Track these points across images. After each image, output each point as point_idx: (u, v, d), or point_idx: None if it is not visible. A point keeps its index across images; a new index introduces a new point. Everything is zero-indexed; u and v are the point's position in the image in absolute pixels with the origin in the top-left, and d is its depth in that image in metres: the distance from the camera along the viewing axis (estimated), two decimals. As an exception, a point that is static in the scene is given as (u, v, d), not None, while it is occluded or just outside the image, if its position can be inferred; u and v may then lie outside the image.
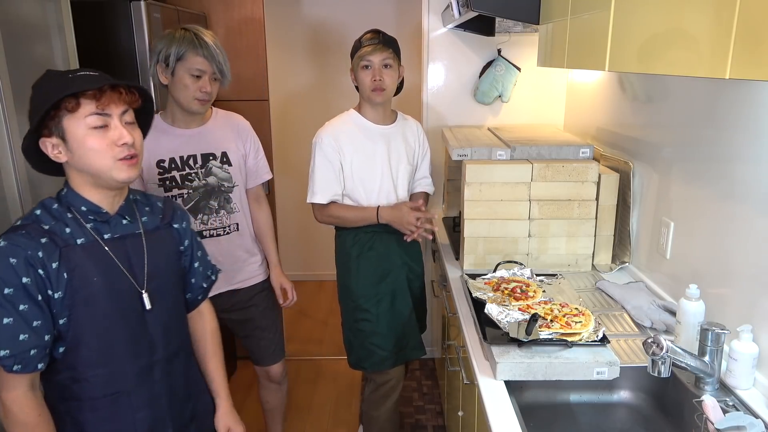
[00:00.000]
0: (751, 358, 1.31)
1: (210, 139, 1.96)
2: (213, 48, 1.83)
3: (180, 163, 1.92)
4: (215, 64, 1.84)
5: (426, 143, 2.30)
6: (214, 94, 1.90)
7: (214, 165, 1.96)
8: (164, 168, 1.90)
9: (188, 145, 1.93)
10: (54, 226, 1.20)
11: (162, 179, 1.90)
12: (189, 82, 1.83)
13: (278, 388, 2.33)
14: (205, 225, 1.98)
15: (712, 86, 1.54)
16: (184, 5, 2.76)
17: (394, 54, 2.06)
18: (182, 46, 1.80)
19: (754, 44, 0.78)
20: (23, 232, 1.17)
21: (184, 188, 1.93)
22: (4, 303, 1.13)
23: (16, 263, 1.14)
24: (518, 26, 2.67)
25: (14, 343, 1.14)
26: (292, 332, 3.63)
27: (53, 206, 1.23)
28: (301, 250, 4.28)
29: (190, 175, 1.93)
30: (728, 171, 1.48)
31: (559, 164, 1.99)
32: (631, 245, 2.04)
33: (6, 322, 1.14)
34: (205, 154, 1.95)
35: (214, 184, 1.97)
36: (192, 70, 1.82)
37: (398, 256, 2.18)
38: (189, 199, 1.94)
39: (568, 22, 1.52)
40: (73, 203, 1.24)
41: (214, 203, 1.98)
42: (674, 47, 1.00)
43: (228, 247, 2.03)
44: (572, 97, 2.79)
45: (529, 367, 1.40)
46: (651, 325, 1.65)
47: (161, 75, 1.85)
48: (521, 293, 1.71)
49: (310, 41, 4.04)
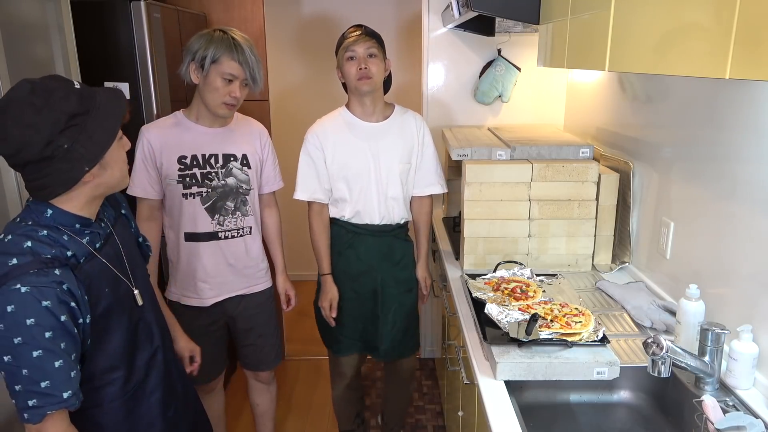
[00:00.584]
0: (751, 358, 1.31)
1: (232, 140, 1.96)
2: (248, 54, 1.83)
3: (201, 160, 1.91)
4: (248, 70, 1.83)
5: (428, 138, 2.17)
6: (242, 99, 1.89)
7: (235, 166, 1.96)
8: (185, 164, 1.89)
9: (211, 143, 1.92)
10: (55, 253, 1.14)
11: (182, 176, 1.89)
12: (220, 85, 1.82)
13: (267, 389, 2.32)
14: (221, 226, 1.96)
15: (712, 86, 1.54)
16: (184, 5, 2.76)
17: (378, 45, 2.03)
18: (219, 49, 1.79)
19: (754, 44, 0.78)
20: (34, 272, 1.09)
21: (203, 186, 1.91)
22: (51, 347, 1.09)
23: (51, 305, 1.09)
24: (518, 26, 2.67)
25: (71, 382, 1.13)
26: (292, 332, 3.62)
27: (41, 233, 1.14)
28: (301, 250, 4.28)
29: (210, 174, 1.92)
30: (728, 171, 1.48)
31: (559, 164, 1.99)
32: (631, 245, 2.04)
33: (58, 366, 1.11)
34: (226, 155, 1.94)
35: (233, 185, 1.96)
36: (225, 74, 1.81)
37: (377, 260, 2.17)
38: (207, 198, 1.93)
39: (568, 22, 1.52)
40: (64, 222, 1.17)
41: (231, 204, 1.97)
42: (674, 47, 1.00)
43: (241, 251, 2.03)
44: (572, 97, 2.79)
45: (529, 367, 1.40)
46: (651, 325, 1.65)
47: (193, 74, 1.84)
48: (521, 293, 1.71)
49: (310, 41, 4.04)
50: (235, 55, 1.80)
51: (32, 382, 1.09)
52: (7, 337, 1.08)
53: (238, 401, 2.95)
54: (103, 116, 1.14)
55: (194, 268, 1.98)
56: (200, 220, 1.94)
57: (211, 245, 1.97)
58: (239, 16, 2.90)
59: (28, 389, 1.09)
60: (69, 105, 1.09)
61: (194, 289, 2.00)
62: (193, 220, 1.93)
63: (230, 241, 1.99)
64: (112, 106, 1.16)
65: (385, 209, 2.13)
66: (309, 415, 2.90)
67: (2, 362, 1.09)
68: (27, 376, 1.09)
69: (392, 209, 2.14)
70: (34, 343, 1.08)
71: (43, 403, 1.10)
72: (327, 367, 3.29)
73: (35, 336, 1.08)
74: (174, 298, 2.05)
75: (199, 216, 1.93)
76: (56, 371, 1.10)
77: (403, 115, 2.16)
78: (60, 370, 1.11)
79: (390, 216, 2.14)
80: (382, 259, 2.17)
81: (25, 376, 1.09)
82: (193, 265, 1.98)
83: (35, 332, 1.08)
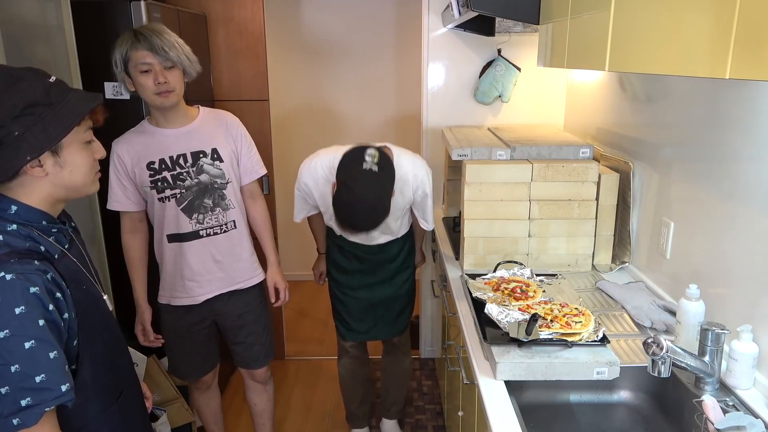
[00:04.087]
0: (751, 358, 1.31)
1: (198, 136, 1.94)
2: (154, 38, 1.77)
3: (170, 162, 1.90)
4: (160, 52, 1.76)
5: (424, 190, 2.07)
6: (177, 84, 1.83)
7: (205, 162, 1.94)
8: (155, 169, 1.89)
9: (176, 144, 1.91)
10: (30, 246, 1.09)
11: (153, 181, 1.89)
12: (142, 80, 1.79)
13: (264, 389, 2.32)
14: (201, 224, 1.96)
15: (712, 86, 1.54)
16: (184, 5, 2.76)
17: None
18: (124, 47, 1.77)
19: (754, 44, 0.78)
20: (15, 260, 1.03)
21: (176, 188, 1.91)
22: (44, 336, 1.02)
23: (39, 291, 1.02)
24: (518, 26, 2.67)
25: (67, 376, 1.06)
26: (292, 332, 3.62)
27: (10, 228, 1.09)
28: (302, 249, 4.28)
29: (181, 174, 1.91)
30: (728, 171, 1.48)
31: (559, 164, 1.99)
32: (631, 245, 2.04)
33: (53, 357, 1.03)
34: (194, 152, 1.93)
35: (206, 181, 1.95)
36: (139, 66, 1.77)
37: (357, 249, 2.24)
38: (182, 199, 1.92)
39: (568, 22, 1.52)
40: (30, 219, 1.12)
41: (209, 201, 1.96)
42: (674, 47, 1.00)
43: (227, 246, 2.02)
44: (572, 97, 2.79)
45: (529, 367, 1.40)
46: (651, 325, 1.65)
47: (128, 85, 1.83)
48: (521, 293, 1.71)
49: (310, 41, 4.04)
50: (138, 44, 1.76)
51: (25, 377, 1.00)
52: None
53: (238, 401, 2.95)
54: (65, 112, 1.10)
55: (180, 267, 1.99)
56: (180, 221, 1.94)
57: (194, 244, 1.96)
58: (239, 16, 2.90)
59: (19, 387, 1.00)
60: (31, 94, 1.06)
61: (183, 289, 2.01)
62: (174, 221, 1.94)
63: (214, 238, 1.98)
64: (79, 105, 1.12)
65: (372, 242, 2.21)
66: (309, 415, 2.90)
67: None
68: (18, 372, 1.00)
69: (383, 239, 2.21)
70: (26, 332, 1.00)
71: (39, 400, 1.01)
72: (327, 368, 3.32)
73: (26, 325, 1.00)
74: (164, 301, 2.06)
75: (179, 217, 1.93)
76: (52, 363, 1.02)
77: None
78: (55, 362, 1.03)
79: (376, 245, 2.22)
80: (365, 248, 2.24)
81: (15, 373, 0.99)
82: (180, 265, 1.98)
83: (26, 321, 1.00)
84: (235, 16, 2.90)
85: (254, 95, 2.99)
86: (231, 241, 2.02)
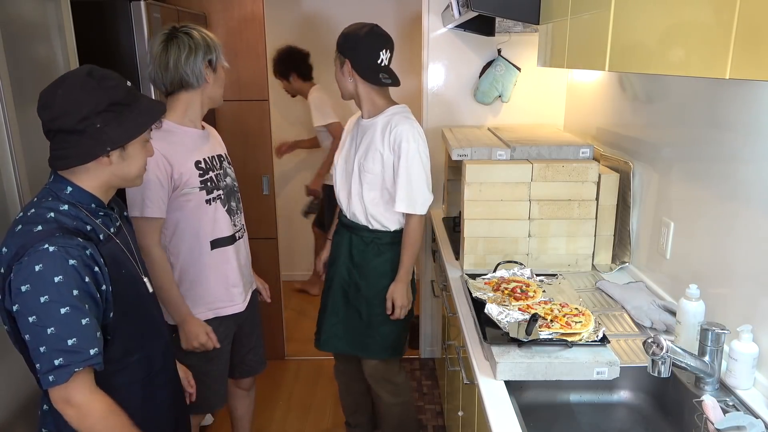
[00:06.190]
0: (751, 358, 1.31)
1: (212, 140, 1.91)
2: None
3: (211, 162, 1.84)
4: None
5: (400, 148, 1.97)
6: None
7: (226, 165, 1.93)
8: (203, 169, 1.80)
9: (206, 145, 1.85)
10: (77, 225, 1.20)
11: (203, 181, 1.79)
12: (224, 75, 1.87)
13: (247, 395, 2.27)
14: (235, 228, 1.91)
15: (712, 86, 1.54)
16: (184, 5, 2.76)
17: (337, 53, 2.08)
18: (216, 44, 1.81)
19: (754, 44, 0.78)
20: (59, 235, 1.14)
21: (220, 189, 1.84)
22: (78, 304, 1.13)
23: (77, 264, 1.13)
24: (518, 26, 2.68)
25: (97, 341, 1.16)
26: (292, 332, 3.62)
27: (62, 207, 1.20)
28: (302, 250, 4.29)
29: (219, 175, 1.86)
30: (728, 171, 1.48)
31: (559, 164, 1.99)
32: (631, 245, 2.04)
33: (85, 323, 1.14)
34: (219, 155, 1.90)
35: (231, 185, 1.92)
36: (223, 63, 1.84)
37: (344, 253, 2.21)
38: (225, 201, 1.86)
39: (568, 22, 1.52)
40: (82, 201, 1.24)
41: (234, 204, 1.92)
42: (674, 47, 1.00)
43: (246, 249, 2.01)
44: (572, 97, 2.79)
45: (529, 367, 1.40)
46: (651, 325, 1.65)
47: (209, 77, 1.80)
48: (521, 293, 1.71)
49: (310, 41, 4.03)
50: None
51: (59, 339, 1.11)
52: (33, 298, 1.10)
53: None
54: (140, 113, 1.25)
55: (225, 275, 1.88)
56: (223, 224, 1.85)
57: (234, 247, 1.90)
58: (239, 15, 2.90)
59: (54, 348, 1.11)
60: (116, 94, 1.20)
61: (228, 297, 1.91)
62: (220, 224, 1.84)
63: (241, 241, 1.96)
64: (153, 109, 1.28)
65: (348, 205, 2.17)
66: (309, 415, 2.90)
67: (26, 324, 1.11)
68: (53, 334, 1.11)
69: (356, 207, 2.14)
70: (62, 299, 1.11)
71: (69, 361, 1.12)
72: (327, 368, 3.31)
73: (63, 293, 1.11)
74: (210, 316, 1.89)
75: (222, 220, 1.85)
76: (83, 328, 1.13)
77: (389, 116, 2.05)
78: (87, 328, 1.14)
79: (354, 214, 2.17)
80: (347, 252, 2.21)
81: (51, 335, 1.11)
82: (224, 271, 1.88)
83: (63, 289, 1.11)
84: (235, 15, 2.90)
85: (254, 95, 2.99)
86: (247, 244, 2.02)
